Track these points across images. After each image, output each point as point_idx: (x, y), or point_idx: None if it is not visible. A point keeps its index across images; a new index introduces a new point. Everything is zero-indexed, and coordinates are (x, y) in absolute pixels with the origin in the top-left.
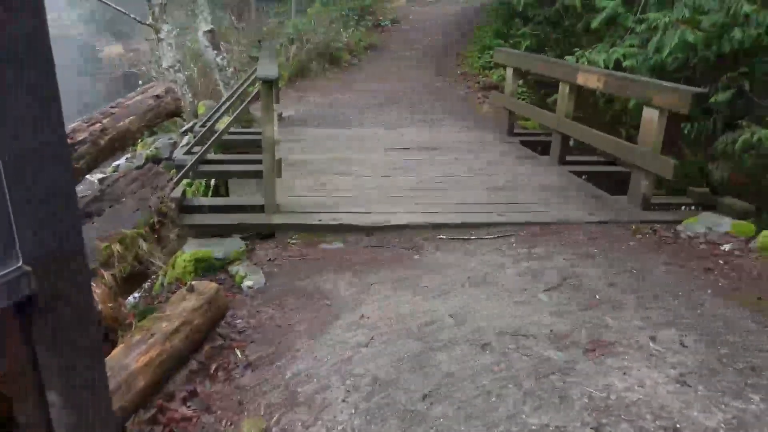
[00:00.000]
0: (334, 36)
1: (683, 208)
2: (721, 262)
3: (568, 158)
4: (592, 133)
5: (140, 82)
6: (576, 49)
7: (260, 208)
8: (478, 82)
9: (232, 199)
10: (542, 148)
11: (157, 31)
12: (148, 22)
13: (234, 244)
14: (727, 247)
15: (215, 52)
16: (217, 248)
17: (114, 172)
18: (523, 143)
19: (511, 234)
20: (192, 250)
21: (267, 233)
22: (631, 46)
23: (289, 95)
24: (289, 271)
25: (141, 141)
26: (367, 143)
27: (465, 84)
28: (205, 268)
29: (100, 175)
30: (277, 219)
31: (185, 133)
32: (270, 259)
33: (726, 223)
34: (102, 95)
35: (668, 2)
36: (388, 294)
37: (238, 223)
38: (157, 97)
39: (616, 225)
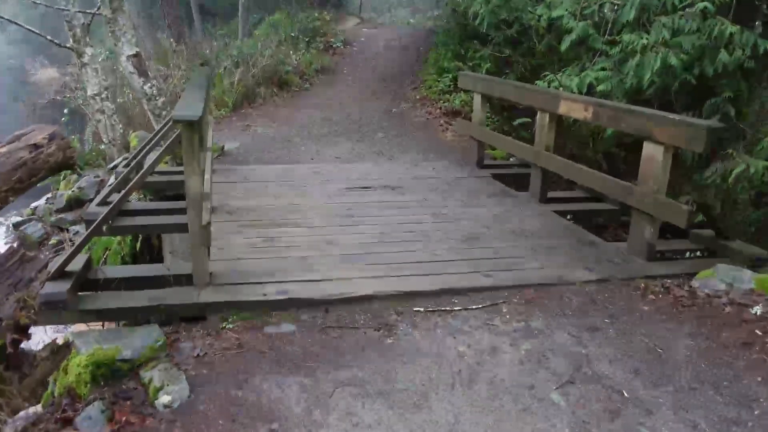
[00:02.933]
0: (282, 58)
1: (688, 254)
2: (759, 332)
3: (550, 194)
4: (578, 168)
5: (65, 110)
6: (546, 73)
7: (189, 279)
8: (440, 108)
9: (148, 268)
10: (516, 182)
11: (80, 55)
12: (68, 45)
13: (149, 336)
14: (757, 310)
15: (142, 79)
16: (126, 343)
17: (31, 214)
18: (495, 176)
19: (501, 301)
20: (90, 348)
21: (196, 315)
22: (603, 69)
23: (233, 125)
24: (223, 372)
25: (63, 179)
26: (321, 182)
27: (424, 109)
28: (108, 374)
29: (15, 219)
30: (209, 296)
31: (114, 169)
32: (198, 355)
33: (747, 278)
34: (21, 122)
35: (640, 24)
36: (353, 409)
37: (157, 305)
38: (35, 147)
39: (620, 281)
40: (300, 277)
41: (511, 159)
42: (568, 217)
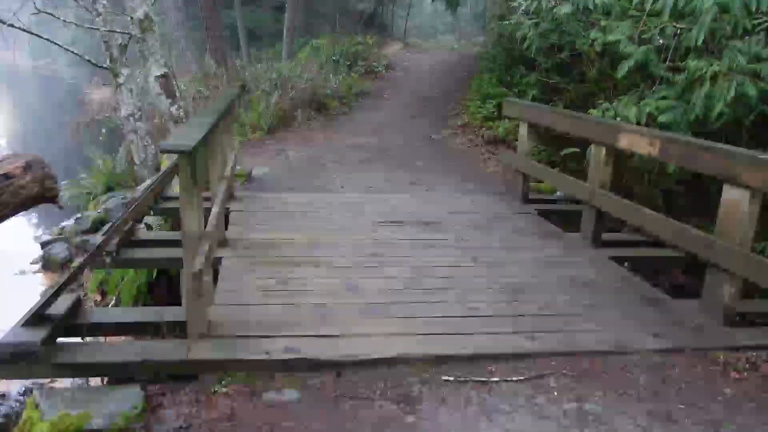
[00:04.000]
0: (321, 82)
1: None
2: None
3: (604, 237)
4: (642, 212)
5: (103, 130)
6: (600, 101)
7: (184, 328)
8: (482, 136)
9: (141, 313)
10: (565, 220)
11: (116, 75)
12: (105, 65)
13: (127, 399)
14: None
15: (169, 100)
16: (98, 408)
17: (59, 234)
18: (541, 213)
19: (549, 372)
20: (56, 412)
21: (185, 374)
22: (664, 98)
23: (265, 148)
24: None
25: (93, 198)
26: (349, 215)
27: (466, 137)
28: None
29: (46, 237)
30: (202, 352)
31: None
32: (180, 428)
33: None
34: (65, 141)
35: (707, 49)
36: None
37: (142, 361)
38: (5, 177)
39: (693, 352)
40: (312, 331)
41: (557, 193)
42: (626, 264)
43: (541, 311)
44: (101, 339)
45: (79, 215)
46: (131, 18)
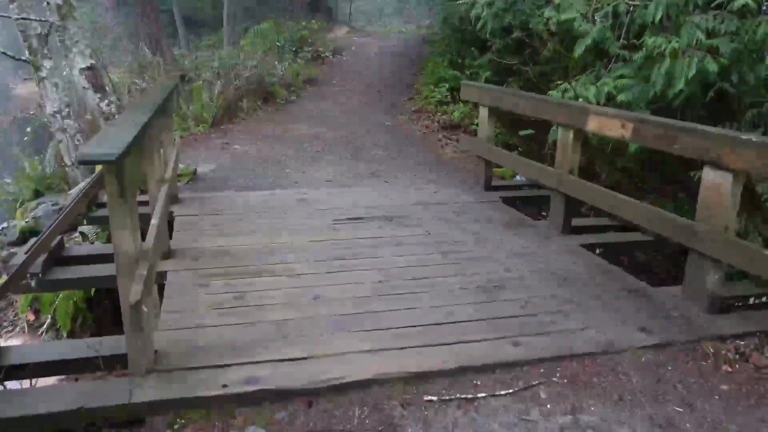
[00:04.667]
0: (267, 69)
1: (752, 300)
2: None
3: (573, 222)
4: (616, 198)
5: (28, 129)
6: (558, 81)
7: (125, 360)
8: (437, 121)
9: (71, 347)
10: (528, 205)
11: (37, 68)
12: (24, 57)
13: None
14: None
15: (98, 95)
16: None
17: None
18: (506, 200)
19: (538, 382)
20: None
21: (130, 419)
22: (621, 77)
23: (211, 143)
24: None
25: (20, 206)
26: (307, 214)
27: (421, 123)
28: None
29: None
30: (147, 392)
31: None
32: None
33: None
34: None
35: (666, 27)
36: None
37: (77, 409)
38: None
39: (683, 346)
40: (275, 354)
41: (517, 176)
42: (598, 251)
43: (522, 311)
44: (27, 382)
45: (4, 224)
46: (47, 3)
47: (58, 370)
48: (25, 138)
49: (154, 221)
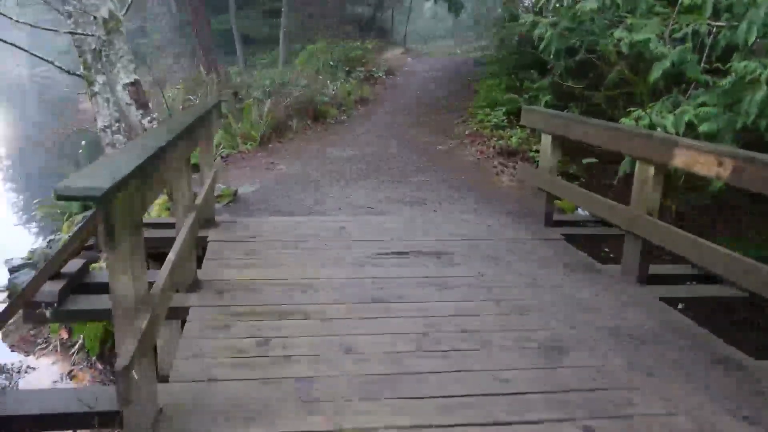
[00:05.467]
0: (318, 88)
1: None
2: None
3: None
4: (708, 249)
5: (83, 142)
6: (632, 108)
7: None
8: (493, 146)
9: (65, 401)
10: (593, 245)
11: (90, 83)
12: (78, 72)
13: None
14: None
15: (140, 111)
16: None
17: (29, 259)
18: (569, 239)
19: None
20: None
21: None
22: (704, 104)
23: (256, 161)
24: None
25: (68, 218)
26: (345, 245)
27: (475, 148)
28: None
29: (17, 261)
30: None
31: None
32: None
33: None
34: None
35: (756, 50)
36: None
37: None
38: None
39: None
40: (295, 424)
41: (579, 210)
42: (679, 306)
43: (592, 383)
44: None
45: (51, 237)
46: (94, 18)
47: (49, 424)
48: (80, 151)
49: (171, 256)
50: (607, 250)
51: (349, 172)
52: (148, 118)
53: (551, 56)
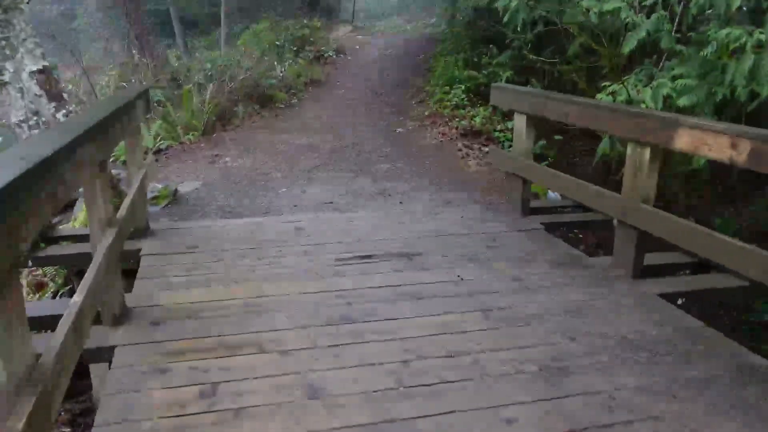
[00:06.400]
0: (265, 71)
1: None
2: None
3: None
4: (717, 240)
5: (0, 138)
6: (606, 83)
7: None
8: (455, 128)
9: None
10: (572, 232)
11: None
12: None
13: None
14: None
15: (53, 104)
16: None
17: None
18: (549, 227)
19: None
20: None
21: None
22: (675, 77)
23: (199, 154)
24: None
25: None
26: (302, 250)
27: (436, 129)
28: None
29: None
30: None
31: None
32: None
33: None
34: None
35: (733, 17)
36: None
37: None
38: None
39: None
40: None
41: (550, 193)
42: (679, 302)
43: (607, 414)
44: None
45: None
46: None
47: None
48: None
49: (76, 298)
50: (600, 245)
51: (303, 163)
52: (63, 111)
53: (518, 29)
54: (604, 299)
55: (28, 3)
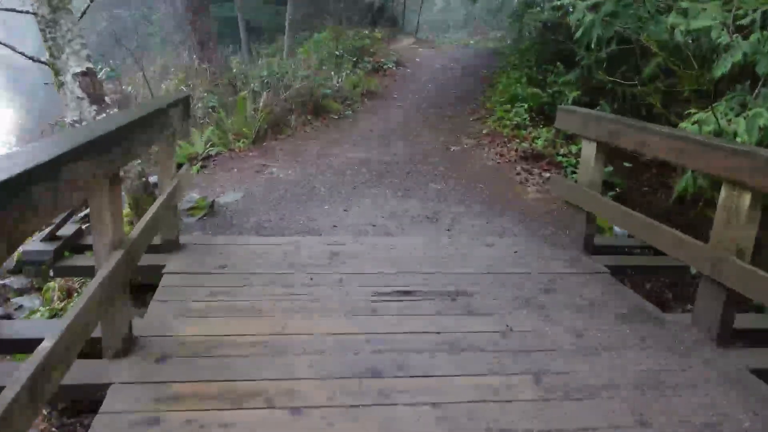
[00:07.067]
0: (321, 80)
1: None
2: None
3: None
4: None
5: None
6: (691, 110)
7: None
8: (515, 149)
9: None
10: (642, 277)
11: (57, 73)
12: (44, 59)
13: None
14: None
15: (94, 107)
16: None
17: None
18: (614, 271)
19: None
20: None
21: None
22: None
23: (247, 163)
24: None
25: None
26: (336, 279)
27: (493, 149)
28: None
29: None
30: None
31: None
32: None
33: None
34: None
35: None
36: None
37: None
38: None
39: None
40: None
41: (615, 229)
42: None
43: None
44: None
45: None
46: None
47: None
48: None
49: (45, 344)
50: (670, 294)
51: (351, 178)
52: (104, 114)
53: (592, 45)
54: (683, 371)
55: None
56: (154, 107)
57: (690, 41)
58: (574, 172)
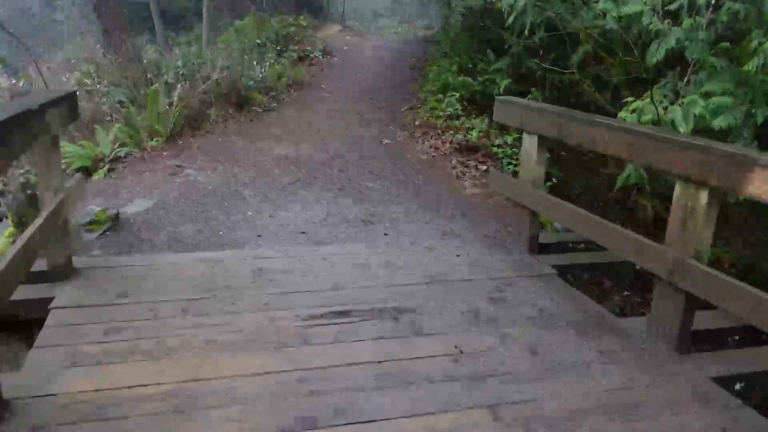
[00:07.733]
0: (242, 71)
1: None
2: None
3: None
4: None
5: None
6: (628, 99)
7: None
8: (450, 141)
9: None
10: (587, 277)
11: None
12: None
13: None
14: None
15: None
16: None
17: None
18: (561, 271)
19: None
20: None
21: None
22: (706, 94)
23: (160, 165)
24: None
25: None
26: (262, 302)
27: (428, 141)
28: None
29: None
30: None
31: None
32: None
33: None
34: None
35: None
36: None
37: None
38: None
39: None
40: None
41: (555, 224)
42: (738, 386)
43: None
44: None
45: None
46: None
47: None
48: None
49: None
50: (619, 294)
51: (278, 179)
52: None
53: (526, 31)
54: (647, 386)
55: None
56: (21, 108)
57: (619, 28)
58: (511, 164)
